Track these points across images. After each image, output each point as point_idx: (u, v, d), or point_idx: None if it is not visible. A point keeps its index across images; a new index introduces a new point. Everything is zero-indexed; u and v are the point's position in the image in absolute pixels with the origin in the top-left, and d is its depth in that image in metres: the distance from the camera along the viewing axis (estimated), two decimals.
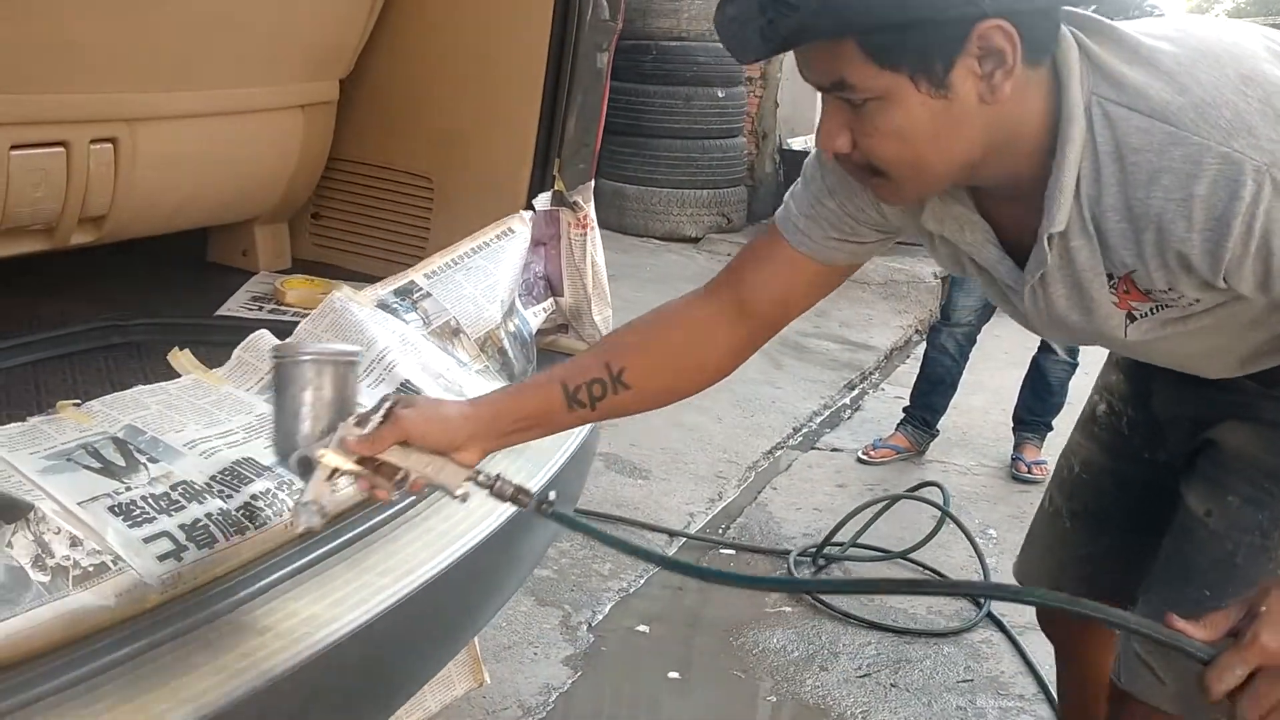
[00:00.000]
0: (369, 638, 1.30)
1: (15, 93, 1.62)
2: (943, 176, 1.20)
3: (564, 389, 1.35)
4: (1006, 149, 1.17)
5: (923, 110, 1.11)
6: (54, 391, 1.64)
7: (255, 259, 2.34)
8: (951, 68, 1.09)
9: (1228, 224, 1.09)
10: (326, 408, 1.24)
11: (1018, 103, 1.13)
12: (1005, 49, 1.08)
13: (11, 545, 1.09)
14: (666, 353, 1.42)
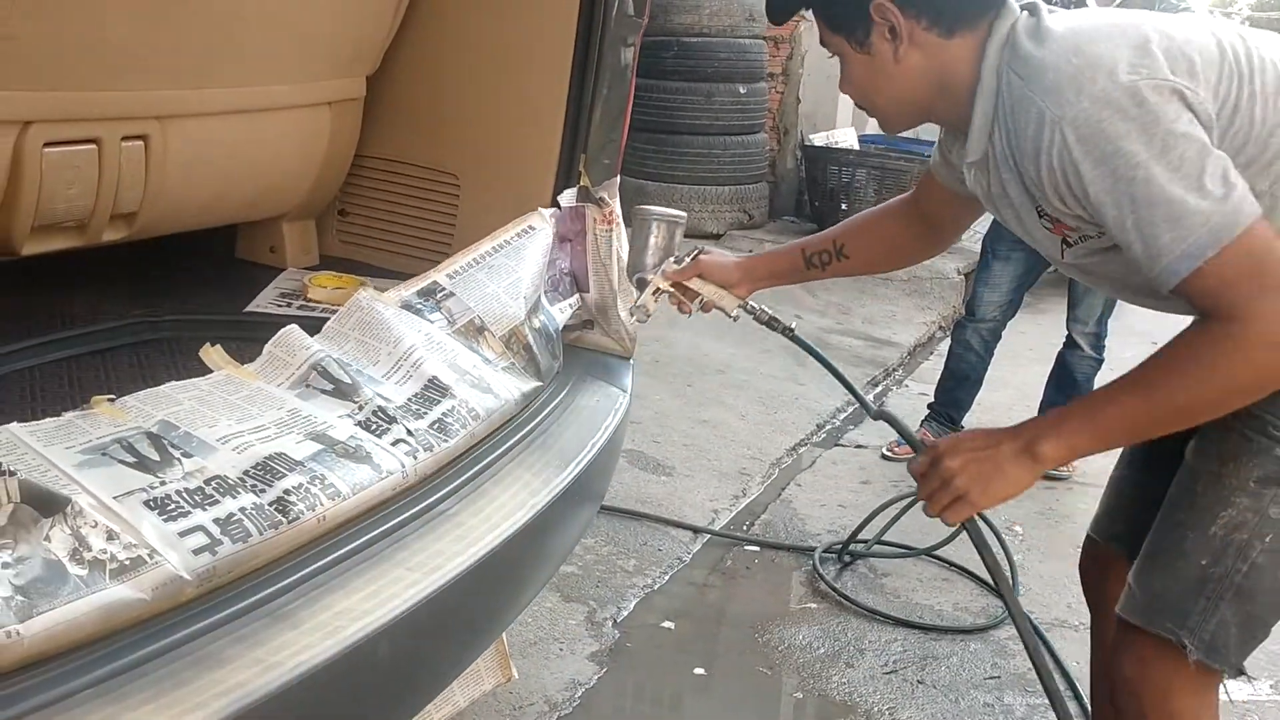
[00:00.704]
0: (401, 632, 1.30)
1: (48, 90, 1.63)
2: (895, 114, 1.64)
3: (803, 253, 1.98)
4: (951, 100, 1.57)
5: (860, 64, 1.60)
6: (88, 387, 1.65)
7: (283, 256, 2.35)
8: (869, 34, 1.56)
9: (1038, 160, 1.44)
10: (660, 250, 1.98)
11: (940, 61, 1.55)
12: (895, 21, 1.53)
13: (49, 539, 1.09)
14: (874, 235, 1.98)
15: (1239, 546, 1.55)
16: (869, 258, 2.00)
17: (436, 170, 2.33)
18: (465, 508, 1.55)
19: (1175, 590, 1.60)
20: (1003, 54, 1.51)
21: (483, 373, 1.71)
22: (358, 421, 1.51)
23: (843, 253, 1.96)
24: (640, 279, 2.00)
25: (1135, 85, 1.37)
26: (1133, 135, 1.36)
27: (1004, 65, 1.50)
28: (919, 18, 1.53)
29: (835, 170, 7.17)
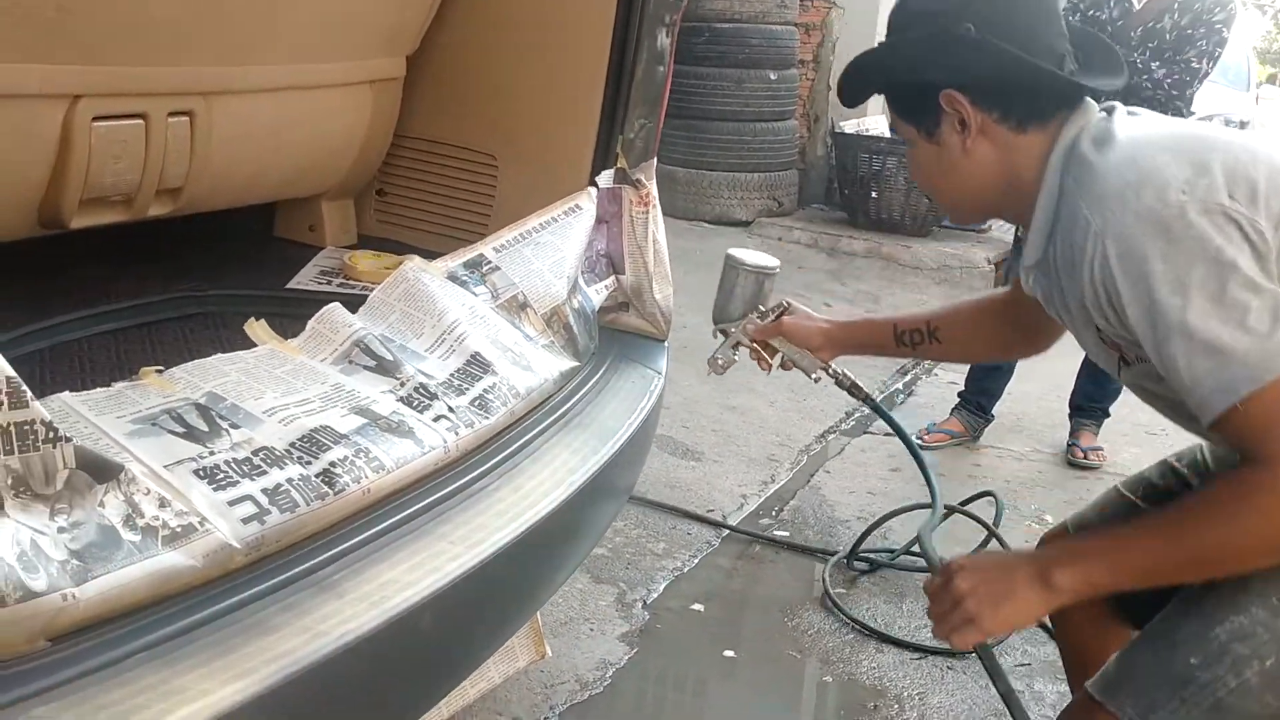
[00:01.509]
0: (444, 604, 1.31)
1: (98, 65, 1.64)
2: (961, 206, 1.59)
3: (895, 329, 1.94)
4: (1015, 196, 1.51)
5: (928, 153, 1.54)
6: (135, 359, 1.68)
7: (322, 234, 2.36)
8: (938, 124, 1.50)
9: (1080, 274, 1.39)
10: (746, 301, 1.98)
11: (1008, 157, 1.49)
12: (964, 113, 1.47)
13: (104, 505, 1.11)
14: (970, 325, 1.92)
15: (1236, 659, 1.39)
16: (962, 347, 1.96)
17: (474, 151, 2.34)
18: (505, 484, 1.56)
19: (1152, 677, 1.45)
20: (1067, 155, 1.45)
21: (524, 350, 1.72)
22: (400, 397, 1.52)
23: (935, 336, 1.90)
24: (722, 329, 2.01)
25: (1184, 206, 1.30)
26: (1175, 259, 1.29)
27: (1064, 167, 1.45)
28: (990, 110, 1.47)
29: (866, 158, 7.14)
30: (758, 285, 1.98)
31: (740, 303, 1.98)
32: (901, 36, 1.53)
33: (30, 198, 1.70)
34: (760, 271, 1.97)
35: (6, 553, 0.98)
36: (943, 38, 1.45)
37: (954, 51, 1.45)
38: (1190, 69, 3.68)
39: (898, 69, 1.53)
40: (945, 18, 1.45)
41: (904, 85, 1.53)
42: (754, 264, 1.98)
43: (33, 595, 0.98)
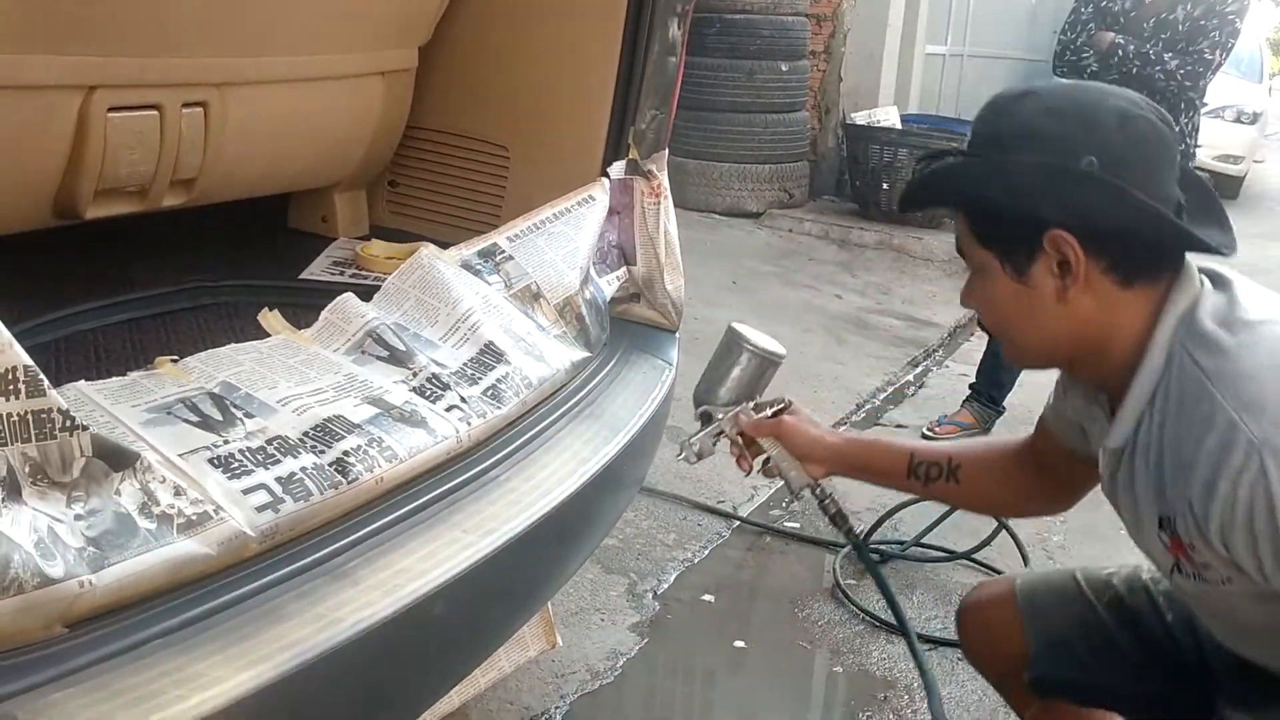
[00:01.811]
0: (456, 592, 1.32)
1: (113, 56, 1.65)
2: (1035, 354, 1.39)
3: (911, 459, 1.65)
4: (1097, 355, 1.32)
5: (1008, 290, 1.31)
6: (150, 348, 1.68)
7: (334, 225, 2.37)
8: (1032, 261, 1.28)
9: (1216, 483, 1.18)
10: (742, 386, 1.67)
11: (1104, 313, 1.28)
12: (1070, 257, 1.25)
13: (120, 493, 1.12)
14: (992, 468, 1.66)
15: None
16: (982, 492, 1.67)
17: (486, 142, 2.34)
18: (517, 474, 1.57)
19: None
20: (1178, 330, 1.26)
21: (536, 340, 1.73)
22: (412, 387, 1.53)
23: (955, 475, 1.63)
24: (706, 412, 1.69)
25: None
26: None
27: (1178, 345, 1.25)
28: (1099, 258, 1.25)
29: (877, 149, 7.13)
30: (760, 371, 1.68)
31: (736, 387, 1.68)
32: (1008, 158, 1.26)
33: (46, 188, 1.71)
34: (767, 357, 1.68)
35: (24, 540, 0.98)
36: (1060, 168, 1.23)
37: (1072, 187, 1.23)
38: (1203, 60, 3.66)
39: (996, 193, 1.27)
40: (1065, 146, 1.23)
41: (999, 212, 1.29)
42: (762, 346, 1.68)
43: (50, 582, 0.99)
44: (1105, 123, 1.24)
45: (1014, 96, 1.31)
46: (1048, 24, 11.46)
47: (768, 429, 1.65)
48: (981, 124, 1.32)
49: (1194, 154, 3.88)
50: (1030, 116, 1.27)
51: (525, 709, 2.31)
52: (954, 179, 1.34)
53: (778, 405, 1.68)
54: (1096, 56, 3.78)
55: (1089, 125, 1.24)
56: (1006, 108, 1.30)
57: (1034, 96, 1.29)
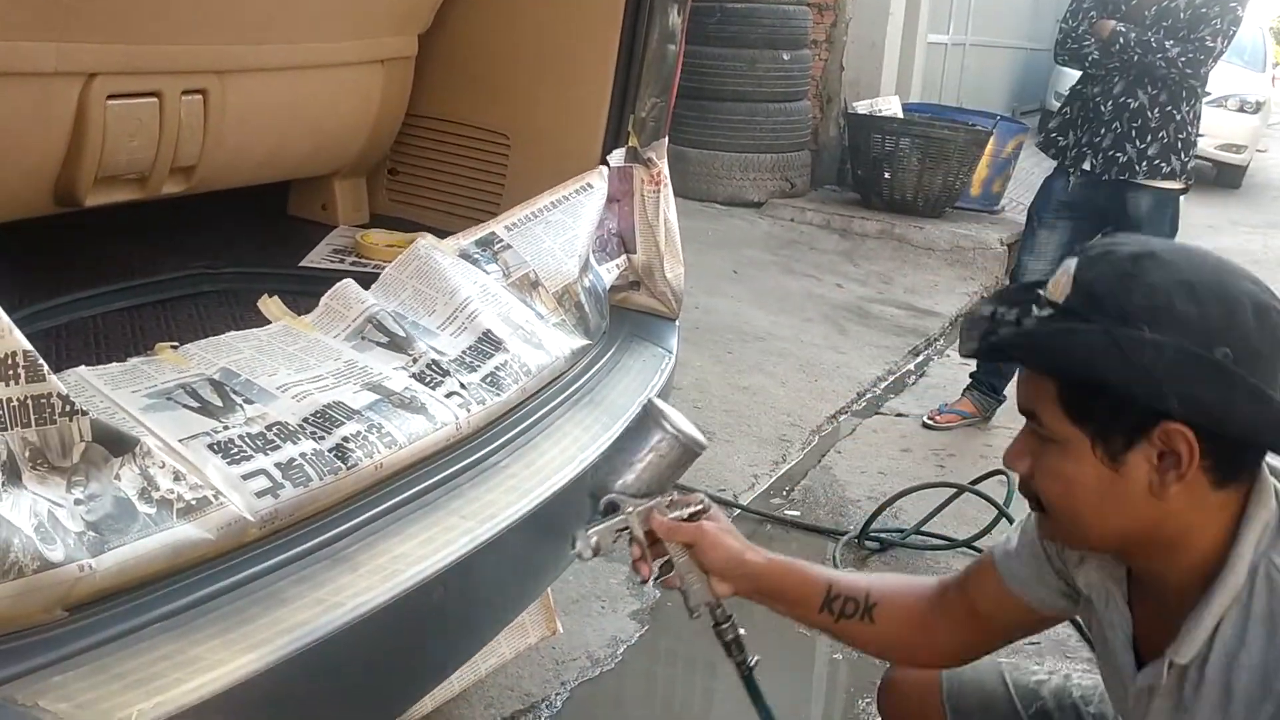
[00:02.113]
0: (455, 577, 1.33)
1: (113, 43, 1.65)
2: (1096, 539, 1.23)
3: (827, 591, 1.47)
4: (1166, 551, 1.18)
5: (1093, 472, 1.15)
6: (150, 335, 1.69)
7: (334, 213, 2.37)
8: (1130, 448, 1.13)
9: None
10: (657, 476, 1.42)
11: (1189, 512, 1.15)
12: (1182, 454, 1.10)
13: (119, 478, 1.12)
14: (911, 613, 1.49)
15: None
16: (894, 637, 1.49)
17: (486, 129, 2.34)
18: (516, 460, 1.57)
19: None
20: (1262, 540, 1.14)
21: (535, 328, 1.73)
22: (412, 374, 1.54)
23: (870, 613, 1.47)
24: (612, 501, 1.42)
25: None
26: None
27: (1265, 559, 1.13)
28: (1207, 456, 1.11)
29: (879, 139, 7.12)
30: (680, 461, 1.44)
31: (649, 476, 1.42)
32: (1132, 333, 1.09)
33: (46, 175, 1.71)
34: (690, 445, 1.43)
35: (24, 524, 0.99)
36: (1195, 357, 1.07)
37: (1206, 379, 1.08)
38: (1205, 47, 3.65)
39: (1114, 372, 1.09)
40: (1203, 332, 1.08)
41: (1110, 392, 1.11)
42: (686, 431, 1.43)
43: (50, 566, 1.00)
44: (1243, 310, 1.09)
45: (1134, 257, 1.13)
46: (1050, 12, 11.45)
47: (687, 535, 1.42)
48: (1099, 284, 1.12)
49: (1197, 142, 3.87)
50: (1165, 290, 1.09)
51: (526, 695, 2.32)
52: (1061, 345, 1.13)
53: (695, 506, 1.45)
54: (1098, 44, 3.77)
55: (1229, 312, 1.09)
56: (1132, 271, 1.11)
57: (1161, 264, 1.12)
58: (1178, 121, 3.74)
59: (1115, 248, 1.16)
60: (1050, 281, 1.18)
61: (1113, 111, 3.77)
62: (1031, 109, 12.12)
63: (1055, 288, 1.16)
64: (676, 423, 1.42)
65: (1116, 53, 3.72)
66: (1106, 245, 1.17)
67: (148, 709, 0.99)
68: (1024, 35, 12.67)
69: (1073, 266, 1.15)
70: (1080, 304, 1.13)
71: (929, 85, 9.79)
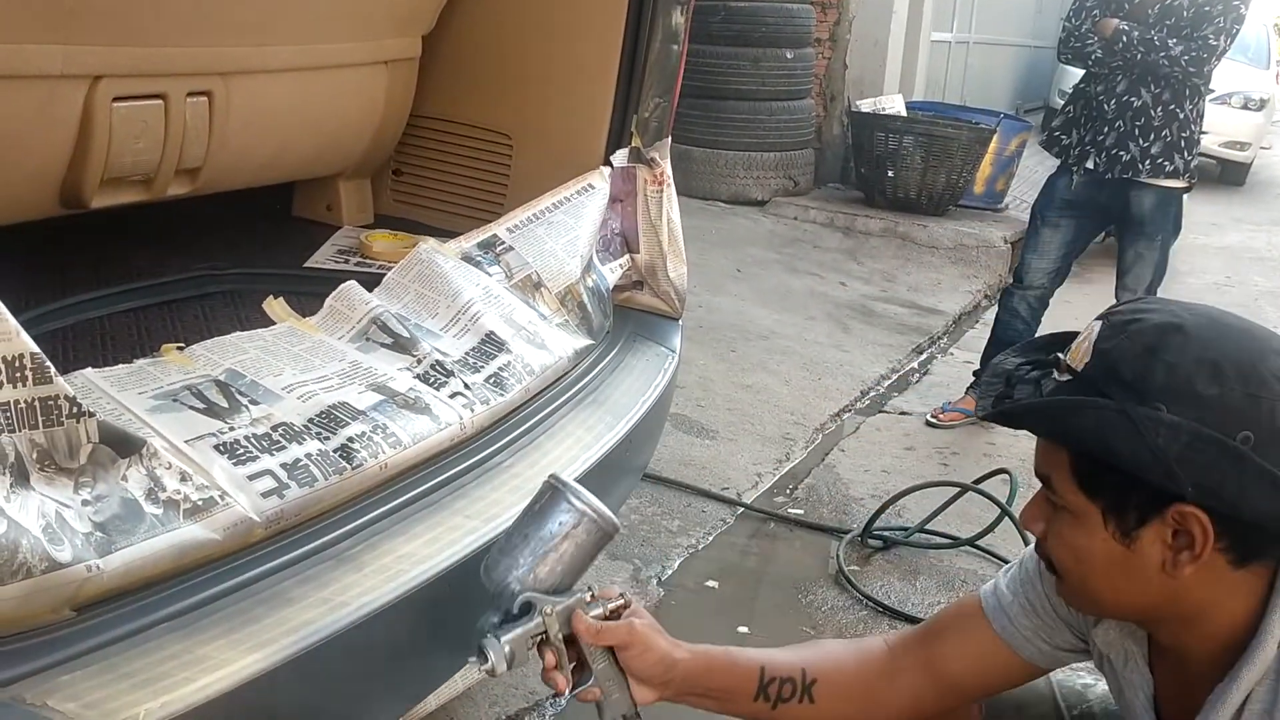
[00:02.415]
0: (460, 577, 1.34)
1: (118, 45, 1.66)
2: (1110, 609, 1.22)
3: (760, 675, 1.37)
4: (1186, 624, 1.16)
5: (1104, 546, 1.14)
6: (156, 336, 1.70)
7: (339, 214, 2.38)
8: (1143, 525, 1.11)
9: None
10: (568, 565, 1.26)
11: (1208, 589, 1.12)
12: (1196, 536, 1.08)
13: (126, 479, 1.13)
14: (855, 684, 1.40)
15: None
16: (841, 711, 1.40)
17: (490, 130, 2.35)
18: (520, 460, 1.58)
19: None
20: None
21: (538, 328, 1.74)
22: (416, 374, 1.55)
23: (810, 692, 1.37)
24: (526, 600, 1.24)
25: None
26: None
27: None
28: (1222, 539, 1.08)
29: (882, 137, 7.11)
30: (595, 546, 1.27)
31: (560, 567, 1.25)
32: (1150, 413, 1.06)
33: (52, 178, 1.73)
34: (608, 527, 1.27)
35: (32, 525, 1.00)
36: (1214, 441, 1.05)
37: (1223, 465, 1.05)
38: (1208, 45, 3.65)
39: (1130, 451, 1.07)
40: (1224, 416, 1.05)
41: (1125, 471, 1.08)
42: (603, 512, 1.26)
43: (58, 566, 1.01)
44: (1270, 391, 1.06)
45: (1160, 330, 1.09)
46: (1054, 10, 11.45)
47: (617, 637, 1.28)
48: (1119, 356, 1.10)
49: (1200, 140, 3.87)
50: (1187, 369, 1.07)
51: (530, 693, 2.33)
52: (1076, 418, 1.11)
53: (616, 601, 1.31)
54: (1101, 43, 3.77)
55: (1253, 394, 1.06)
56: (1155, 346, 1.09)
57: (1187, 339, 1.08)
58: (1181, 120, 3.74)
59: (1143, 316, 1.12)
60: (1072, 345, 1.16)
61: (1116, 110, 3.77)
62: (1035, 107, 12.11)
63: (1076, 354, 1.14)
64: (590, 502, 1.25)
65: (1120, 51, 3.72)
66: (1134, 311, 1.14)
67: (155, 708, 1.00)
68: (1028, 33, 12.65)
69: (1095, 333, 1.13)
70: (1099, 375, 1.10)
71: (933, 83, 9.78)
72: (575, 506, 1.25)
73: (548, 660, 1.26)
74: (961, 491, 3.29)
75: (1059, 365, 1.16)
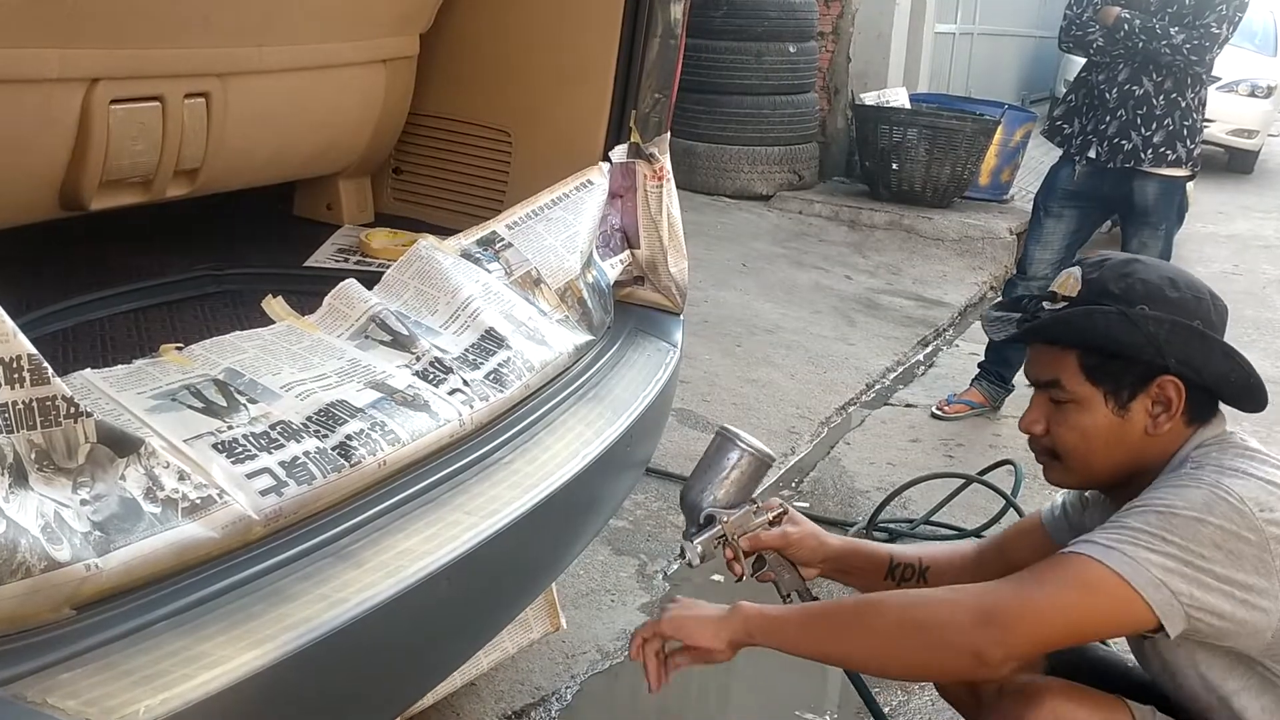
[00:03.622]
0: (459, 573, 1.34)
1: (115, 47, 1.67)
2: (1102, 475, 1.57)
3: (890, 561, 1.78)
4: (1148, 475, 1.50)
5: (1105, 421, 1.51)
6: (155, 336, 1.71)
7: (339, 213, 2.39)
8: (1134, 398, 1.50)
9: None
10: (740, 488, 1.69)
11: (1169, 443, 1.51)
12: (1173, 400, 1.48)
13: (125, 478, 1.14)
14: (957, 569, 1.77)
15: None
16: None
17: (489, 127, 2.36)
18: (520, 456, 1.59)
19: None
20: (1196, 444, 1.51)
21: (538, 325, 1.74)
22: (415, 372, 1.55)
23: (924, 575, 1.77)
24: (709, 514, 1.68)
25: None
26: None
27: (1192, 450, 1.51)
28: (1190, 398, 1.49)
29: (886, 130, 7.10)
30: (757, 473, 1.70)
31: (734, 489, 1.69)
32: (1137, 312, 1.47)
33: (51, 180, 1.73)
34: (763, 457, 1.71)
35: (30, 524, 1.00)
36: (1183, 326, 1.46)
37: (1194, 343, 1.47)
38: (1210, 34, 3.64)
39: (1127, 340, 1.47)
40: (1185, 309, 1.47)
41: (1123, 355, 1.48)
42: (758, 447, 1.70)
43: (57, 565, 1.01)
44: (1204, 294, 1.50)
45: (1126, 261, 1.53)
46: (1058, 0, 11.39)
47: (777, 541, 1.71)
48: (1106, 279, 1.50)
49: (1203, 128, 3.86)
50: (1156, 283, 1.49)
51: (536, 688, 2.34)
52: (1088, 323, 1.49)
53: (776, 510, 1.73)
54: (1102, 31, 3.76)
55: (1197, 297, 1.49)
56: (1128, 271, 1.50)
57: (1146, 266, 1.52)
58: (1183, 108, 3.74)
59: (1108, 257, 1.56)
60: (1057, 283, 1.56)
61: (1118, 98, 3.77)
62: (1041, 97, 12.08)
63: (1065, 286, 1.53)
64: (749, 441, 1.69)
65: (1121, 39, 3.71)
66: (1100, 256, 1.56)
67: (155, 705, 1.00)
68: (1032, 23, 12.61)
69: (1078, 272, 1.53)
70: (1094, 294, 1.50)
71: (937, 75, 9.76)
72: (739, 446, 1.69)
73: (727, 554, 1.69)
74: (967, 483, 3.29)
75: (1053, 297, 1.54)
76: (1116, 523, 1.42)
